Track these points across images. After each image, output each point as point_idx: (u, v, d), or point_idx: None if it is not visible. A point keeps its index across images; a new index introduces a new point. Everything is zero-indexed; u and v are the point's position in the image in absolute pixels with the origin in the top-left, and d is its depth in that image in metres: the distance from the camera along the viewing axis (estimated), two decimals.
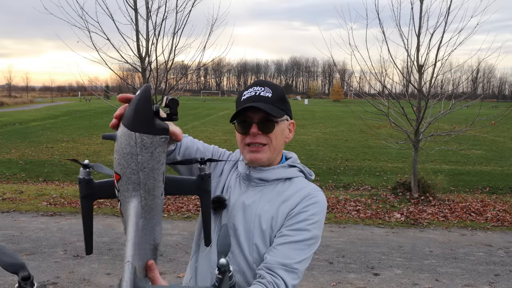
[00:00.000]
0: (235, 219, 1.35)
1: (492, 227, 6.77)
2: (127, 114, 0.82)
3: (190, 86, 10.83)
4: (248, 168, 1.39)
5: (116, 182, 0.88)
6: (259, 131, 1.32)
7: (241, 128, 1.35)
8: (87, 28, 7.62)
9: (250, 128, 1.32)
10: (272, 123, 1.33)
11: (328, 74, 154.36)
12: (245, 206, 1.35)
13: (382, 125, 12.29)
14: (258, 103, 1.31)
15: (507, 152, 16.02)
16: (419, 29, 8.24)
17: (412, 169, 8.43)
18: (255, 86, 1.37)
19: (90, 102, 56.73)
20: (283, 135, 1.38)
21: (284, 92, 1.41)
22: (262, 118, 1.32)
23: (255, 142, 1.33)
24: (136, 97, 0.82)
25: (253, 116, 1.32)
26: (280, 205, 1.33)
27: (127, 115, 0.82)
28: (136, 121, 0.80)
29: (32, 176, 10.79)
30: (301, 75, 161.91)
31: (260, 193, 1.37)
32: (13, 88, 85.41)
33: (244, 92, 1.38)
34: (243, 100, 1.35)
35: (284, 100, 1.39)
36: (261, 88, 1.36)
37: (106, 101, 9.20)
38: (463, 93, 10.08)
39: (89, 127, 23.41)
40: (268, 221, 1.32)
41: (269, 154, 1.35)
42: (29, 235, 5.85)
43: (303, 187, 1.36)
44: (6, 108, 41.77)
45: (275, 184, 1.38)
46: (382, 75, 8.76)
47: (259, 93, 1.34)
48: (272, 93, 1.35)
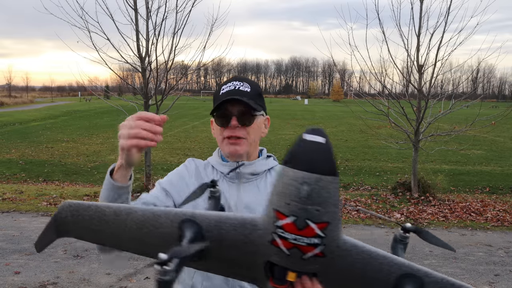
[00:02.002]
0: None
1: (492, 227, 6.77)
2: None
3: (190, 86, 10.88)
4: (235, 165, 1.38)
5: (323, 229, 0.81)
6: (239, 124, 1.34)
7: (220, 121, 1.36)
8: (87, 28, 7.64)
9: (230, 120, 1.33)
10: (251, 117, 1.35)
11: (328, 74, 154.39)
12: (249, 205, 1.34)
13: (382, 125, 12.29)
14: (238, 96, 1.33)
15: (507, 152, 16.03)
16: (419, 29, 8.25)
17: (412, 169, 8.43)
18: (234, 81, 1.39)
19: (90, 102, 56.73)
20: (260, 130, 1.41)
21: (261, 89, 1.45)
22: (242, 111, 1.34)
23: (234, 135, 1.34)
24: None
25: (232, 109, 1.34)
26: None
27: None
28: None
29: (32, 176, 10.79)
30: (301, 75, 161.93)
31: (256, 188, 1.38)
32: (13, 88, 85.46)
33: (223, 86, 1.39)
34: (222, 94, 1.36)
35: (261, 96, 1.42)
36: (240, 83, 1.38)
37: (106, 101, 9.21)
38: (463, 93, 10.08)
39: (89, 127, 23.42)
40: None
41: (247, 148, 1.37)
42: (29, 235, 5.85)
43: None
44: (6, 108, 41.77)
45: (263, 175, 1.41)
46: (382, 75, 8.77)
47: (238, 87, 1.36)
48: (250, 88, 1.37)
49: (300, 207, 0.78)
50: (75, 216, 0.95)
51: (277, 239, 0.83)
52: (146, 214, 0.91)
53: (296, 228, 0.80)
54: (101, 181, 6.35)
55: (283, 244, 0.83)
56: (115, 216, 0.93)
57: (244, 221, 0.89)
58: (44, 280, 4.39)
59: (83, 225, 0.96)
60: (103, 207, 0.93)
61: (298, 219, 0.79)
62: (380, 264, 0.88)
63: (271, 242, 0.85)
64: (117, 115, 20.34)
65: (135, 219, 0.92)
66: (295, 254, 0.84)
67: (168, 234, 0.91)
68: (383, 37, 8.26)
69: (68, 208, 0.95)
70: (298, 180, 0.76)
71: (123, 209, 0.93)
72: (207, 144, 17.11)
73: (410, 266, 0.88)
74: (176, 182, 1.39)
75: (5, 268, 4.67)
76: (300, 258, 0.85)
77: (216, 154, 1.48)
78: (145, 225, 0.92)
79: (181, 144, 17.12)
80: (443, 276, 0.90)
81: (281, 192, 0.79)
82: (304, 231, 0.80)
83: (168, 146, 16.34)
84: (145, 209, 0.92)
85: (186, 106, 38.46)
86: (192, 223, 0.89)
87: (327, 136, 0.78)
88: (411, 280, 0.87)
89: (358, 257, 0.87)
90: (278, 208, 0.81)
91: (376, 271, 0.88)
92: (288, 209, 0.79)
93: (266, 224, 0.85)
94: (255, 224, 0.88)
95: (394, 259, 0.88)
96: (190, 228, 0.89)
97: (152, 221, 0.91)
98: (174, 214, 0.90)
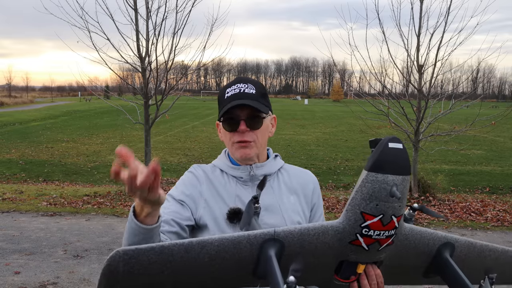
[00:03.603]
0: (263, 222, 1.32)
1: (492, 227, 6.77)
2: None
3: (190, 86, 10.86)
4: (250, 169, 1.38)
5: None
6: (247, 128, 1.32)
7: (228, 126, 1.34)
8: (87, 28, 7.63)
9: (239, 125, 1.32)
10: (260, 119, 1.34)
11: (328, 74, 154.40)
12: (267, 207, 1.34)
13: (382, 125, 12.28)
14: (245, 100, 1.31)
15: (507, 152, 16.03)
16: (419, 29, 8.24)
17: (412, 169, 8.42)
18: (238, 83, 1.37)
19: (90, 102, 56.73)
20: (267, 131, 1.40)
21: (265, 87, 1.44)
22: (250, 115, 1.32)
23: (243, 140, 1.33)
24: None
25: (240, 113, 1.32)
26: (300, 194, 1.42)
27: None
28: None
29: (32, 176, 10.79)
30: (301, 75, 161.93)
31: (270, 188, 1.38)
32: (13, 88, 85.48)
33: (227, 89, 1.37)
34: (227, 98, 1.34)
35: (266, 95, 1.41)
36: (244, 85, 1.36)
37: (106, 101, 9.21)
38: (463, 93, 10.07)
39: (89, 127, 23.42)
40: (298, 212, 1.39)
41: (256, 150, 1.36)
42: (29, 235, 5.85)
43: (301, 171, 1.49)
44: (6, 108, 41.77)
45: (275, 176, 1.42)
46: (382, 75, 8.77)
47: (243, 90, 1.34)
48: (255, 89, 1.36)
49: (388, 205, 0.88)
50: (130, 265, 0.82)
51: (360, 238, 0.92)
52: (224, 242, 0.88)
53: (382, 224, 0.90)
54: (101, 181, 6.44)
55: (365, 241, 0.93)
56: (185, 253, 0.85)
57: (325, 228, 0.94)
58: (44, 280, 4.39)
59: (138, 273, 0.83)
60: (171, 246, 0.84)
61: (384, 217, 0.89)
62: (427, 241, 1.03)
63: (351, 242, 0.94)
64: (117, 115, 20.36)
65: (211, 250, 0.87)
66: (373, 247, 0.94)
67: (244, 259, 0.90)
68: (383, 37, 8.27)
69: (123, 256, 0.82)
70: (388, 183, 0.87)
71: (196, 243, 0.86)
72: (207, 144, 17.11)
73: (445, 236, 1.06)
74: (189, 192, 1.35)
75: (5, 268, 4.67)
76: (377, 250, 0.96)
77: (224, 157, 1.44)
78: (221, 254, 0.88)
79: (181, 144, 17.11)
80: (466, 239, 1.09)
81: (369, 196, 0.88)
82: (387, 226, 0.91)
83: (168, 146, 16.34)
84: (222, 237, 0.88)
85: (186, 106, 38.46)
86: (274, 242, 0.90)
87: (402, 141, 0.89)
88: (447, 246, 1.05)
89: (412, 238, 1.01)
90: (366, 211, 0.89)
91: (424, 247, 1.03)
92: (376, 209, 0.89)
93: (349, 227, 0.92)
94: (336, 229, 0.94)
95: (436, 234, 1.05)
96: (272, 247, 0.90)
97: (231, 248, 0.88)
98: (254, 236, 0.90)
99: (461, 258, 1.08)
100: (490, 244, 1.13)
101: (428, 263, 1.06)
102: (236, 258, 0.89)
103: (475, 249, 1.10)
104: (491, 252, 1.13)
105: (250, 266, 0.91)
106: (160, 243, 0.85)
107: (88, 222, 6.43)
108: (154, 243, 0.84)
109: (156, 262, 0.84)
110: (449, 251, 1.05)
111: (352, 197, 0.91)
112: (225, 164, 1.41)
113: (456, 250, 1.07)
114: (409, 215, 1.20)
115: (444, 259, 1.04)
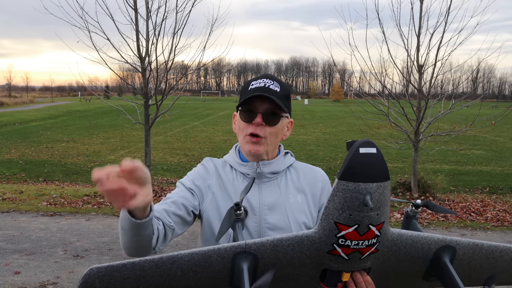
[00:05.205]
0: (266, 221, 1.32)
1: (492, 227, 6.77)
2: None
3: (190, 86, 10.88)
4: (257, 166, 1.36)
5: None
6: (263, 122, 1.31)
7: (245, 116, 1.33)
8: (87, 28, 7.63)
9: (255, 117, 1.31)
10: (277, 116, 1.32)
11: (328, 74, 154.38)
12: (272, 206, 1.33)
13: (382, 125, 12.28)
14: (267, 94, 1.30)
15: (507, 152, 16.03)
16: (419, 29, 8.25)
17: (412, 169, 8.43)
18: (265, 78, 1.36)
19: (90, 102, 56.71)
20: (282, 132, 1.39)
21: (289, 90, 1.42)
22: (268, 110, 1.31)
23: (256, 133, 1.31)
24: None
25: (259, 106, 1.31)
26: (308, 193, 1.38)
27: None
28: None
29: (32, 176, 10.79)
30: (301, 75, 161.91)
31: (277, 187, 1.36)
32: (13, 88, 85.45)
33: (252, 82, 1.36)
34: (251, 89, 1.33)
35: (289, 98, 1.39)
36: (271, 81, 1.35)
37: (106, 101, 9.21)
38: (463, 93, 10.07)
39: (89, 127, 23.41)
40: (305, 212, 1.35)
41: (267, 148, 1.34)
42: (29, 235, 5.85)
43: (310, 169, 1.45)
44: (6, 108, 41.76)
45: (283, 174, 1.39)
46: (382, 75, 8.77)
47: (268, 85, 1.33)
48: (280, 88, 1.34)
49: (362, 215, 0.83)
50: (105, 281, 0.85)
51: (337, 248, 0.88)
52: (195, 257, 0.87)
53: (358, 234, 0.85)
54: None
55: (343, 251, 0.88)
56: (157, 268, 0.86)
57: (300, 239, 0.90)
58: (44, 280, 4.39)
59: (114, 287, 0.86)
60: (141, 263, 0.86)
61: (360, 226, 0.84)
62: (421, 245, 0.97)
63: (329, 252, 0.90)
64: (117, 115, 20.34)
65: (182, 265, 0.87)
66: (354, 257, 0.89)
67: (217, 272, 0.89)
68: (383, 37, 8.27)
69: (97, 274, 0.85)
70: (360, 192, 0.81)
71: (166, 258, 0.87)
72: (207, 144, 17.10)
73: (444, 239, 0.99)
74: (199, 183, 1.37)
75: (5, 268, 4.67)
76: (359, 259, 0.91)
77: (234, 153, 1.43)
78: (192, 268, 0.88)
79: (181, 144, 17.10)
80: (470, 240, 1.02)
81: (342, 206, 0.83)
82: (366, 235, 0.85)
83: (168, 146, 16.34)
84: (192, 252, 0.87)
85: (186, 106, 38.41)
86: (247, 255, 0.88)
87: (376, 145, 0.83)
88: (446, 250, 0.99)
89: (403, 244, 0.96)
90: (339, 221, 0.84)
91: (417, 251, 0.98)
92: (350, 219, 0.83)
93: (325, 237, 0.88)
94: (312, 239, 0.90)
95: (431, 237, 0.98)
96: (245, 260, 0.87)
97: (202, 262, 0.88)
98: (225, 250, 0.87)
99: (466, 261, 1.02)
100: (501, 245, 1.05)
101: (426, 267, 1.02)
102: (209, 271, 0.89)
103: (482, 251, 1.03)
104: (503, 252, 1.05)
105: (225, 278, 0.90)
106: (130, 260, 0.86)
107: (88, 222, 6.43)
108: (126, 260, 0.86)
109: (130, 278, 0.85)
110: (449, 255, 0.99)
111: (325, 206, 0.87)
112: (234, 160, 1.40)
113: (458, 253, 1.01)
114: (412, 212, 1.19)
115: (442, 263, 0.98)
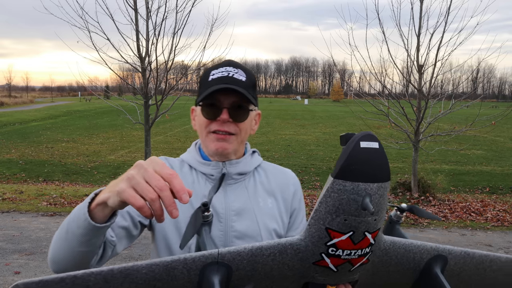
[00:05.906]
0: (234, 229, 1.15)
1: (492, 227, 6.77)
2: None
3: (190, 86, 10.88)
4: (222, 166, 1.19)
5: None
6: (230, 118, 1.12)
7: (207, 112, 1.13)
8: (87, 28, 7.62)
9: (220, 113, 1.12)
10: (246, 111, 1.15)
11: (328, 74, 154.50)
12: (239, 210, 1.17)
13: (382, 125, 12.28)
14: (233, 85, 1.11)
15: (507, 152, 16.03)
16: (419, 29, 8.25)
17: (412, 169, 8.43)
18: (227, 66, 1.17)
19: (90, 102, 56.74)
20: (251, 126, 1.21)
21: (256, 78, 1.24)
22: (235, 104, 1.12)
23: (223, 130, 1.13)
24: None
25: (224, 100, 1.12)
26: (279, 197, 1.24)
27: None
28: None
29: (32, 176, 10.79)
30: (301, 75, 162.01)
31: (244, 190, 1.20)
32: (13, 88, 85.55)
33: (213, 71, 1.16)
34: (211, 80, 1.14)
35: (255, 87, 1.21)
36: (234, 69, 1.15)
37: (106, 101, 9.20)
38: (463, 93, 10.07)
39: (89, 127, 23.41)
40: (276, 218, 1.21)
41: (236, 145, 1.17)
42: (29, 235, 5.85)
43: (281, 171, 1.30)
44: (6, 108, 41.77)
45: (251, 175, 1.24)
46: (382, 75, 8.77)
47: (232, 74, 1.14)
48: (246, 77, 1.16)
49: (359, 220, 0.71)
50: None
51: (326, 258, 0.76)
52: (154, 269, 0.71)
53: (352, 243, 0.74)
54: (101, 181, 6.46)
55: (333, 262, 0.77)
56: (105, 283, 0.70)
57: (283, 247, 0.78)
58: None
59: None
60: (85, 276, 0.69)
61: (355, 234, 0.72)
62: (413, 255, 0.87)
63: (315, 263, 0.78)
64: (117, 115, 20.35)
65: (138, 279, 0.71)
66: (343, 268, 0.78)
67: (181, 287, 0.74)
68: (383, 37, 8.27)
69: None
70: (359, 193, 0.69)
71: (118, 271, 0.70)
72: None
73: (437, 248, 0.89)
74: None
75: (5, 268, 4.67)
76: (348, 271, 0.79)
77: (194, 151, 1.24)
78: (151, 283, 0.72)
79: (181, 144, 17.10)
80: (462, 249, 0.93)
81: (336, 209, 0.71)
82: (360, 244, 0.74)
83: (168, 146, 16.34)
84: (151, 263, 0.72)
85: (186, 106, 38.34)
86: (218, 266, 0.74)
87: (378, 139, 0.72)
88: (437, 259, 0.89)
89: (394, 253, 0.85)
90: (331, 227, 0.72)
91: (409, 262, 0.88)
92: (345, 225, 0.72)
93: (313, 245, 0.76)
94: (297, 248, 0.78)
95: (424, 246, 0.88)
96: (216, 273, 0.74)
97: (163, 276, 0.73)
98: (192, 261, 0.73)
99: (456, 272, 0.93)
100: (491, 254, 0.96)
101: (415, 279, 0.90)
102: (171, 287, 0.73)
103: (473, 261, 0.93)
104: (492, 262, 0.95)
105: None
106: (71, 273, 0.69)
107: None
108: (64, 274, 0.68)
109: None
110: (440, 265, 0.89)
111: (315, 209, 0.74)
112: (194, 159, 1.22)
113: (449, 263, 0.90)
114: (396, 217, 1.07)
115: (433, 274, 0.88)
